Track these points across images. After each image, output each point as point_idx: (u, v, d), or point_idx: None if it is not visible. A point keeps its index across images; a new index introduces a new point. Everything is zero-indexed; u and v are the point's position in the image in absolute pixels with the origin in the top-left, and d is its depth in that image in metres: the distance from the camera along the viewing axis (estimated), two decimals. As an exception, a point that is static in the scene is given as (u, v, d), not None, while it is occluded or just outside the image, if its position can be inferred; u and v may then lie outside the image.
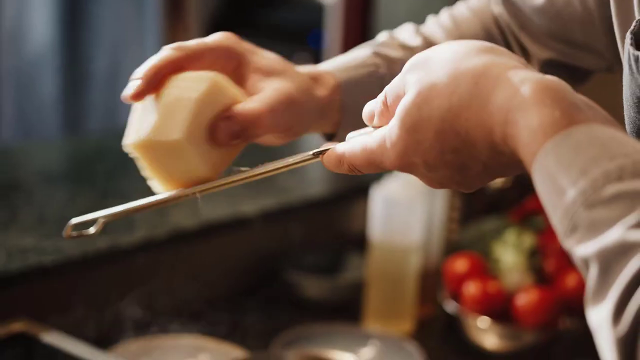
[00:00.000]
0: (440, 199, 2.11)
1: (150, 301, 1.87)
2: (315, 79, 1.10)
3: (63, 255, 1.73)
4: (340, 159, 0.92)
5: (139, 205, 0.98)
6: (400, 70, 0.89)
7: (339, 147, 0.93)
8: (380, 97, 0.91)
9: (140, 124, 0.98)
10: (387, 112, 0.89)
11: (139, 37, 3.84)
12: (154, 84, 0.98)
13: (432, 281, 2.14)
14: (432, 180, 0.88)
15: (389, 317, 2.05)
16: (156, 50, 1.03)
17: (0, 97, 3.57)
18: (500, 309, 1.93)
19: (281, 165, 0.96)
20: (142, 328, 1.82)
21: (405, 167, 0.87)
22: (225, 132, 0.97)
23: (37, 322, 1.61)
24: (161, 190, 1.00)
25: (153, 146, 0.97)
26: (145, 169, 1.01)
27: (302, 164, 0.97)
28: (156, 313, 1.88)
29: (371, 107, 0.93)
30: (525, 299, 1.90)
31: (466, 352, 1.96)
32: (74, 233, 0.97)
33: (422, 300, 2.11)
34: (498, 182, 2.50)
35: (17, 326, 1.58)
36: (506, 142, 0.79)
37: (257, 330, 2.00)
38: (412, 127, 0.84)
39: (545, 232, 2.12)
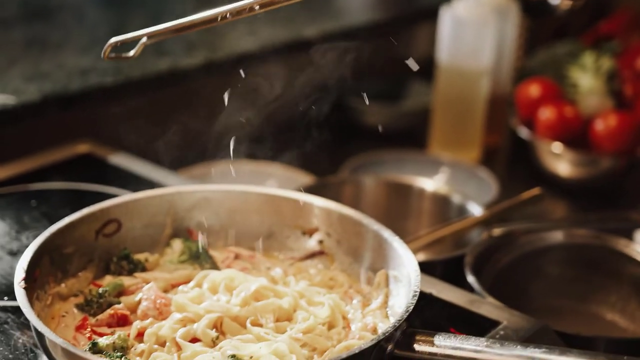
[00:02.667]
0: (511, 20, 1.98)
1: (213, 126, 1.80)
2: None
3: (123, 76, 1.65)
4: None
5: (183, 23, 0.94)
6: None
7: None
8: None
9: None
10: None
11: None
12: None
13: (500, 108, 2.04)
14: None
15: (455, 144, 1.97)
16: None
17: None
18: (576, 135, 1.84)
19: None
20: (206, 153, 1.75)
21: None
22: None
23: (100, 143, 1.55)
24: None
25: None
26: None
27: None
28: (219, 138, 1.81)
29: None
30: (604, 124, 1.81)
31: (538, 179, 1.88)
32: (112, 54, 0.92)
33: (489, 128, 2.03)
34: (567, 4, 2.37)
35: (83, 147, 1.52)
36: None
37: (320, 156, 1.93)
38: None
39: (623, 56, 2.00)
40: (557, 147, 1.83)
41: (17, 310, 1.08)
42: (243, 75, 1.95)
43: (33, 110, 1.49)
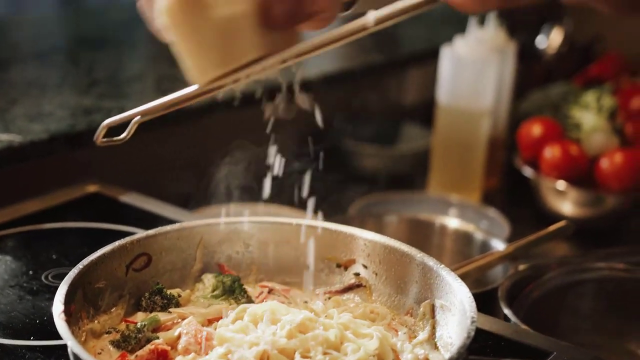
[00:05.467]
0: (510, 60, 1.97)
1: (216, 167, 1.76)
2: None
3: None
4: None
5: (175, 98, 0.91)
6: None
7: None
8: None
9: None
10: None
11: None
12: None
13: (497, 150, 2.03)
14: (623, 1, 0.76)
15: (455, 186, 1.94)
16: None
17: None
18: (581, 174, 1.83)
19: (391, 12, 0.85)
20: (211, 194, 1.71)
21: None
22: (280, 12, 0.85)
23: (107, 181, 1.50)
24: (198, 79, 0.88)
25: (206, 20, 0.83)
26: (183, 49, 0.86)
27: (417, 11, 0.85)
28: (222, 180, 1.76)
29: None
30: (610, 162, 1.80)
31: (543, 220, 1.86)
32: (104, 140, 0.89)
33: (487, 171, 2.00)
34: (553, 47, 2.39)
35: (92, 187, 1.46)
36: None
37: (318, 200, 1.90)
38: None
39: (618, 95, 2.01)
40: (562, 185, 1.81)
41: (45, 350, 1.02)
42: (246, 113, 1.93)
43: (40, 148, 1.43)
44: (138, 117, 0.90)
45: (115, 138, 0.90)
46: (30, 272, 1.20)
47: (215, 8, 0.83)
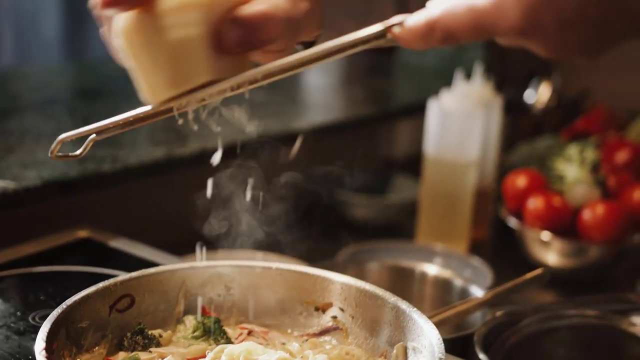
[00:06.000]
0: (496, 114, 2.03)
1: (205, 214, 1.80)
2: None
3: (120, 164, 1.65)
4: (432, 26, 0.79)
5: (130, 117, 0.92)
6: None
7: (424, 14, 0.80)
8: None
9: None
10: None
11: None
12: None
13: (484, 202, 2.07)
14: (556, 44, 0.78)
15: (442, 236, 1.99)
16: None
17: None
18: (564, 225, 1.87)
19: (340, 44, 0.85)
20: (200, 241, 1.75)
21: (529, 28, 0.76)
22: (233, 37, 0.86)
23: (98, 229, 1.54)
24: (150, 99, 0.91)
25: (160, 42, 0.86)
26: (138, 69, 0.89)
27: (365, 46, 0.85)
28: (211, 227, 1.81)
29: None
30: (592, 214, 1.84)
31: (527, 269, 1.90)
32: (60, 154, 0.90)
33: (475, 222, 2.05)
34: (542, 102, 2.44)
35: (82, 232, 1.51)
36: None
37: (309, 248, 1.94)
38: None
39: (602, 150, 2.06)
40: (546, 235, 1.85)
41: (29, 387, 1.05)
42: (234, 166, 1.98)
43: (33, 195, 1.48)
44: (93, 135, 0.91)
45: (70, 154, 0.91)
46: (18, 313, 1.24)
47: (170, 30, 0.86)
